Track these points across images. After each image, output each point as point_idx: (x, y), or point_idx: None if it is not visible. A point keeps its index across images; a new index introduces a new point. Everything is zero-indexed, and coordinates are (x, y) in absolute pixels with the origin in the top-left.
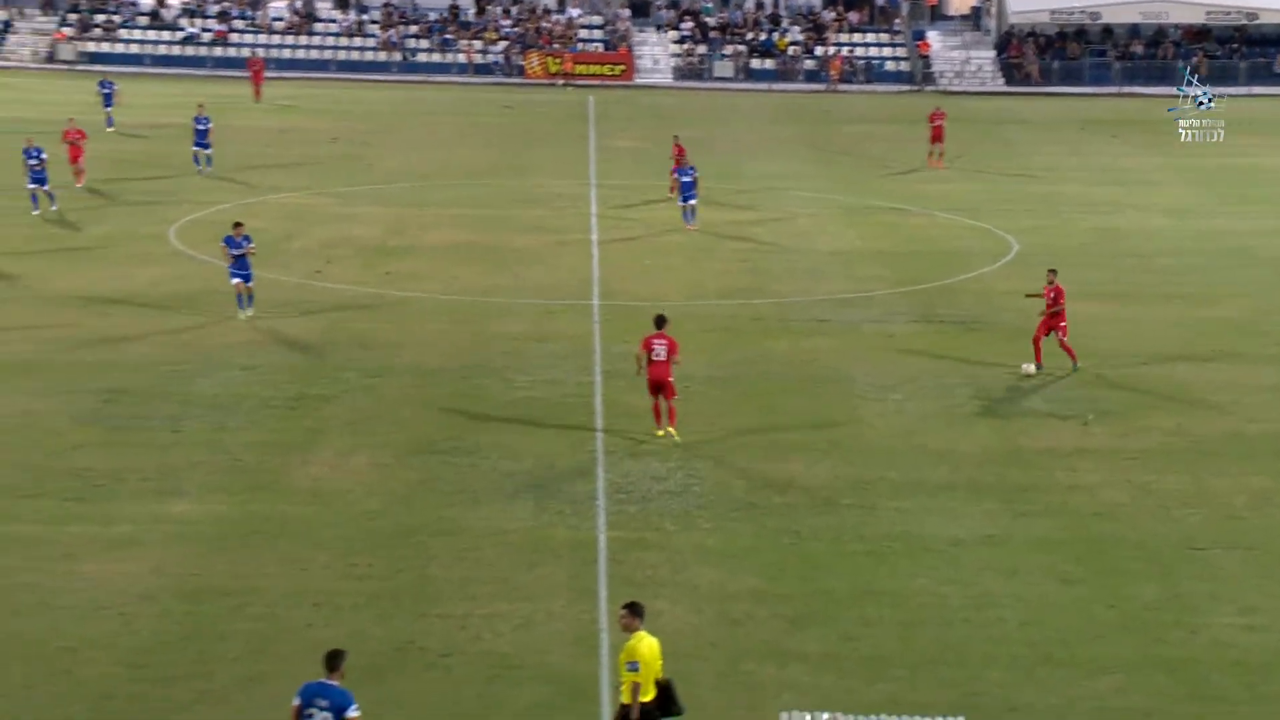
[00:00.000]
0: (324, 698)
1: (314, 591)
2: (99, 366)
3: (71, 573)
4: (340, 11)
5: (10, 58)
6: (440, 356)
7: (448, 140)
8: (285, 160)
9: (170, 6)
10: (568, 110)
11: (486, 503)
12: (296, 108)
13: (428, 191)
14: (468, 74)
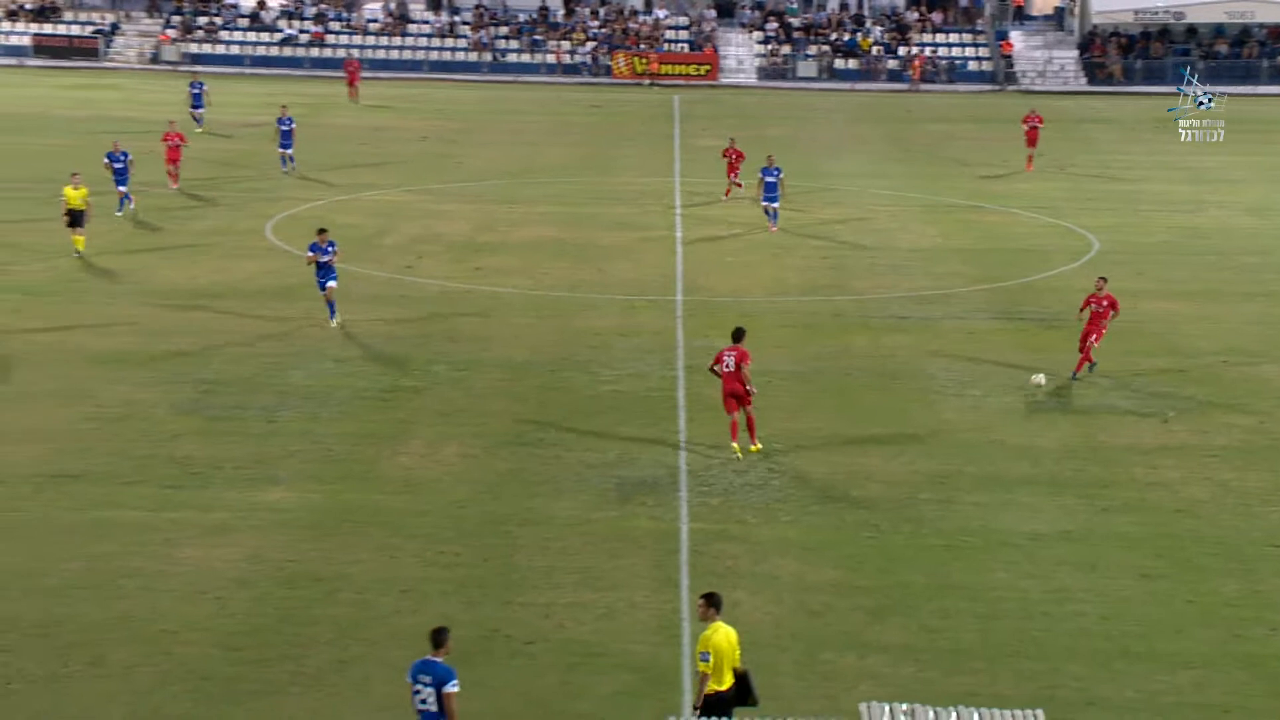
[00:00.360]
0: (427, 674)
1: (403, 578)
2: (198, 358)
3: (171, 558)
4: (433, 13)
5: (117, 59)
6: (527, 350)
7: (536, 139)
8: (378, 158)
9: (269, 9)
10: (653, 109)
11: (571, 494)
12: (389, 108)
13: (516, 189)
14: (556, 74)
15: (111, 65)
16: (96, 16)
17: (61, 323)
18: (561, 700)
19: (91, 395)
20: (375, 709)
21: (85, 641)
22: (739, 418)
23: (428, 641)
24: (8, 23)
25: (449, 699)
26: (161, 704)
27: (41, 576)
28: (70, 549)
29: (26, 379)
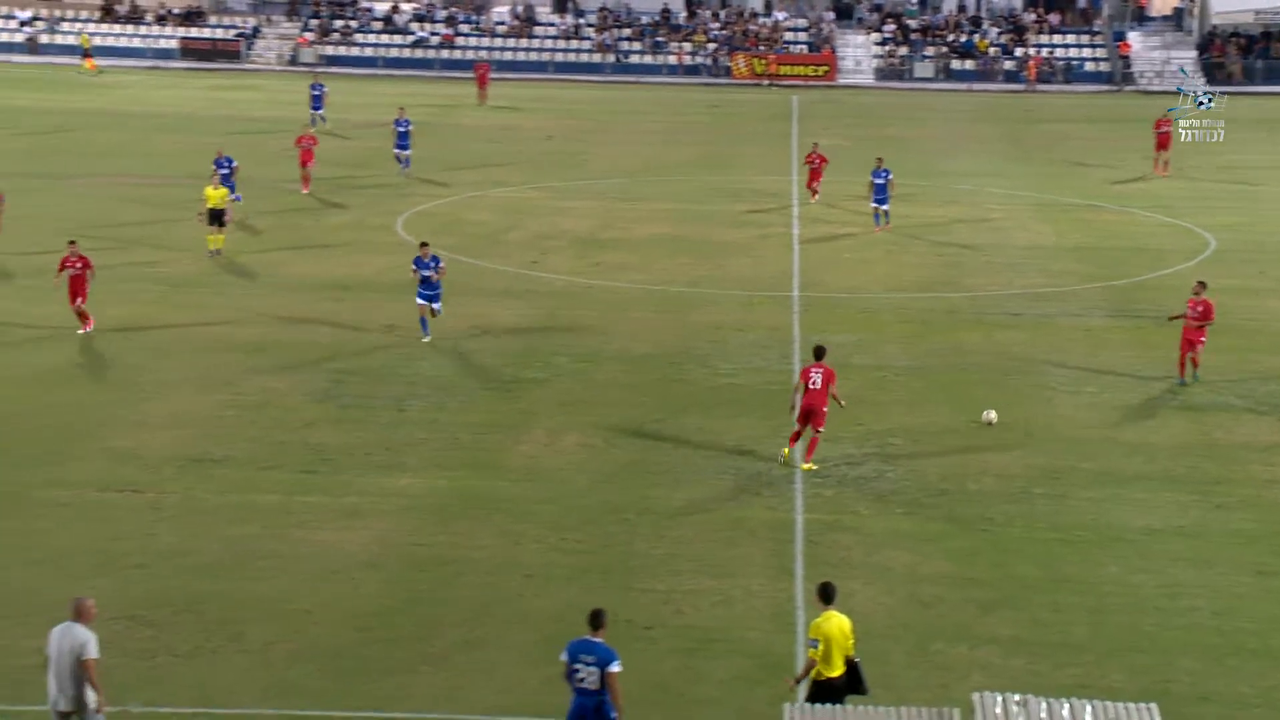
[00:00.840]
0: (590, 654)
1: (526, 563)
2: (331, 349)
3: (306, 540)
4: (559, 15)
5: (257, 60)
6: (647, 343)
7: (657, 138)
8: (506, 157)
9: (402, 12)
10: (772, 109)
11: (689, 484)
12: (516, 109)
13: (637, 186)
14: (677, 75)
15: (252, 67)
16: (239, 20)
17: (203, 314)
18: (681, 684)
19: (231, 384)
20: (500, 690)
21: (226, 619)
22: (805, 430)
23: (586, 624)
24: (156, 27)
25: (613, 678)
26: (297, 680)
27: (186, 556)
28: (212, 530)
29: (171, 368)
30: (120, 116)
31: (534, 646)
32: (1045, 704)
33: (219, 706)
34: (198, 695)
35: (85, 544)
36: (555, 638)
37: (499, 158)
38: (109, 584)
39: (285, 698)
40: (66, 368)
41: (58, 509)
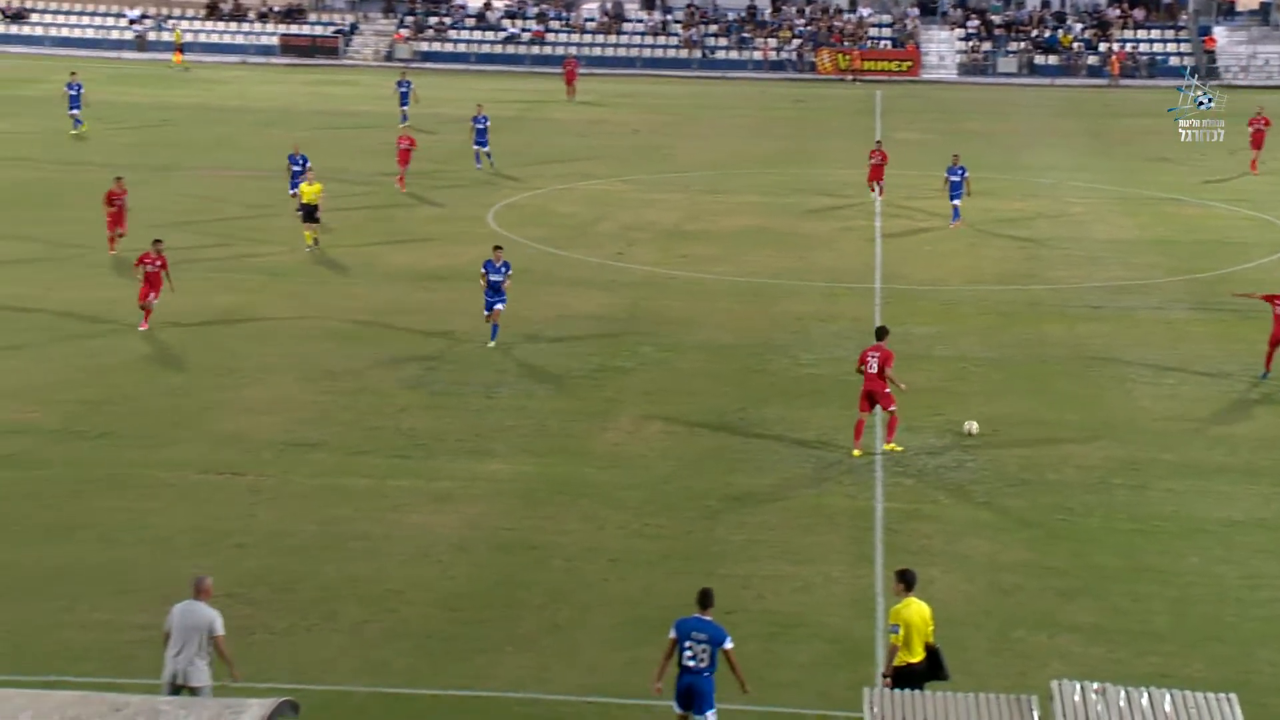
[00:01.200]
0: (701, 631)
1: (610, 548)
2: (424, 336)
3: (398, 522)
4: (646, 12)
5: (355, 56)
6: (730, 334)
7: (741, 132)
8: (594, 150)
9: (495, 9)
10: (855, 104)
11: (770, 471)
12: (604, 103)
13: (722, 180)
14: (762, 70)
15: (349, 63)
16: (338, 17)
17: (303, 304)
18: (761, 668)
19: (328, 371)
20: (584, 671)
21: (321, 598)
22: (868, 419)
23: (695, 603)
24: (259, 24)
25: (731, 654)
26: (388, 659)
27: (283, 537)
28: (308, 512)
29: (271, 355)
30: (222, 111)
31: (617, 629)
32: (1124, 692)
33: (313, 683)
34: (293, 672)
35: (188, 524)
36: (638, 621)
37: (587, 151)
38: (210, 563)
39: (376, 675)
40: (173, 354)
41: (163, 490)
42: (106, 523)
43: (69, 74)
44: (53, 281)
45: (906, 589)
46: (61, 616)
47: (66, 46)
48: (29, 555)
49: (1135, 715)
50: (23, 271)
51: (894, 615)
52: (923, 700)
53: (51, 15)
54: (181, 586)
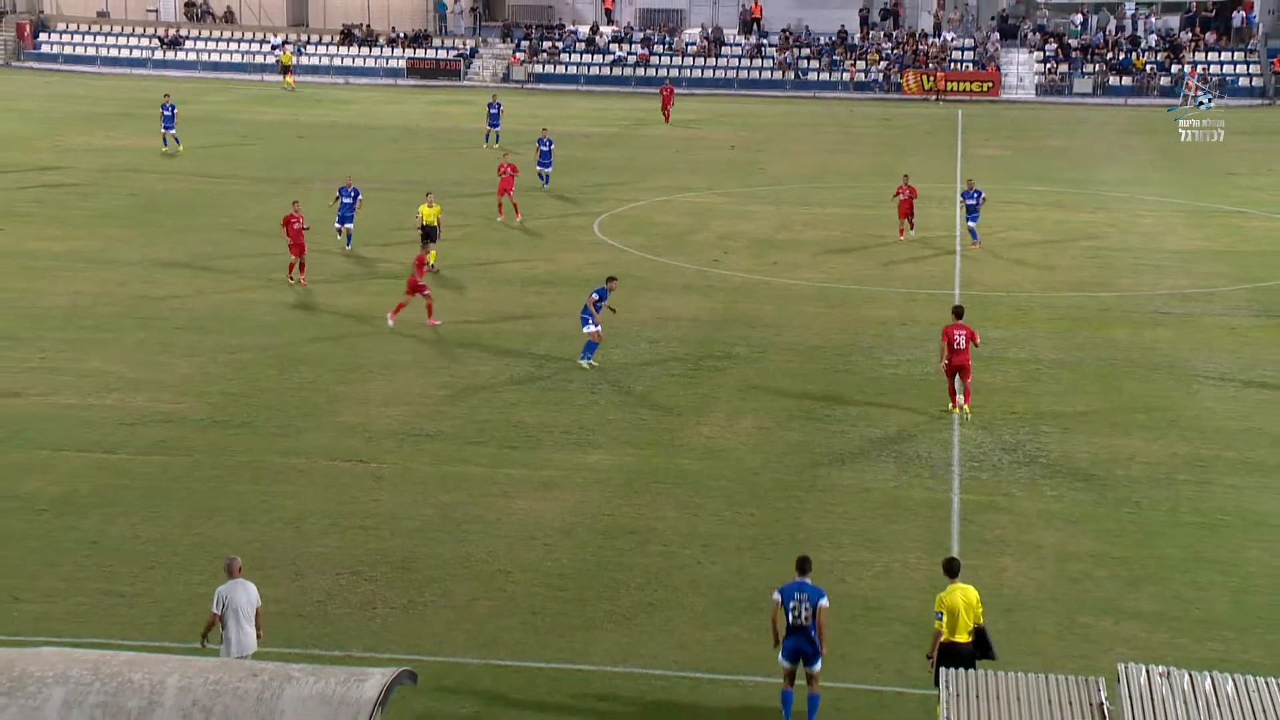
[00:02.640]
0: (802, 591)
1: (703, 534)
2: (534, 336)
3: (507, 508)
4: (744, 36)
5: (474, 78)
6: (817, 336)
7: (830, 148)
8: (691, 165)
9: (603, 34)
10: (938, 123)
11: (853, 464)
12: (702, 121)
13: (811, 192)
14: (850, 90)
15: (469, 84)
16: (459, 42)
17: (423, 305)
18: (844, 647)
19: (446, 367)
20: (677, 647)
21: (437, 577)
22: (957, 385)
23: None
24: (388, 49)
25: (824, 612)
26: (497, 634)
27: (404, 519)
28: (426, 497)
29: (394, 353)
30: (352, 129)
31: (709, 609)
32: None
33: (428, 655)
34: (410, 644)
35: (317, 507)
36: (728, 602)
37: (685, 166)
38: (336, 542)
39: (487, 649)
40: (305, 352)
41: (295, 475)
42: (244, 505)
43: (163, 95)
44: (200, 284)
45: (951, 576)
46: (203, 589)
47: (216, 70)
48: (175, 533)
49: (1198, 698)
50: (172, 274)
51: (938, 603)
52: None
53: (204, 42)
54: (312, 564)
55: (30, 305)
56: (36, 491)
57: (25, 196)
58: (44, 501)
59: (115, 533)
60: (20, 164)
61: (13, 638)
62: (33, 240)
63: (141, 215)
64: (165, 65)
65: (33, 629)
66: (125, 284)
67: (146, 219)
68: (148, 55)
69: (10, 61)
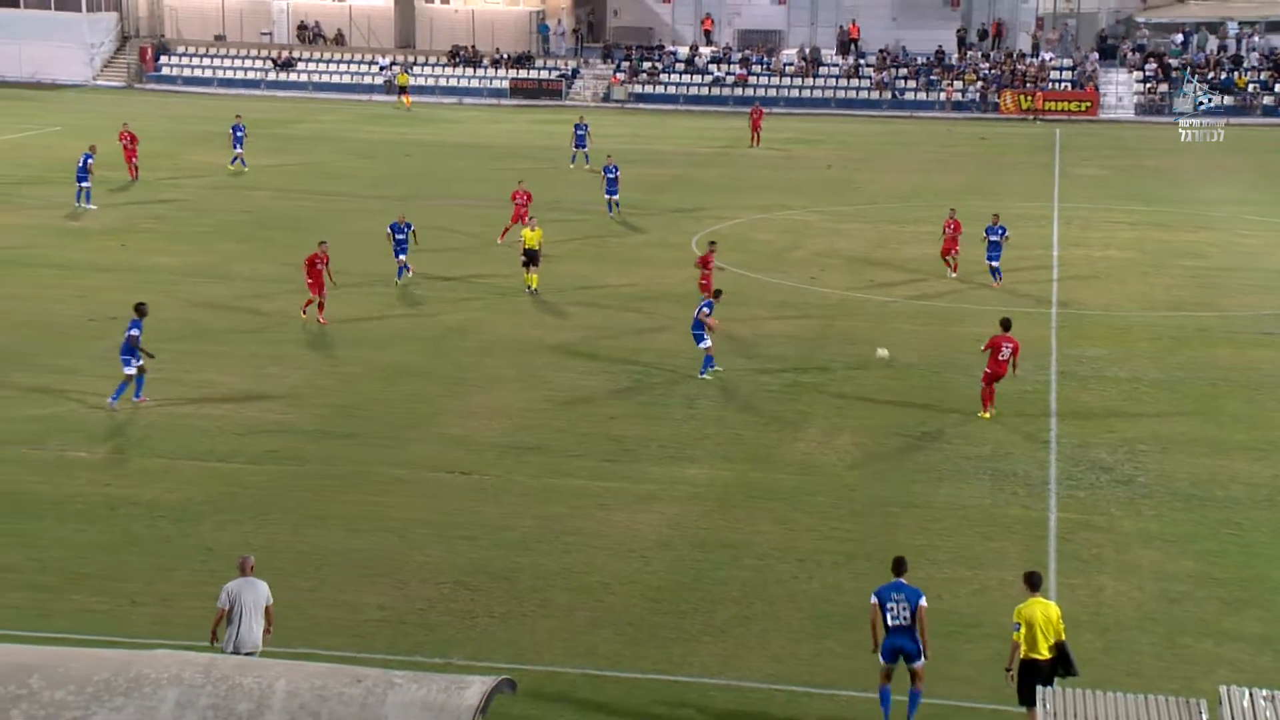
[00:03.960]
0: (899, 592)
1: (799, 549)
2: (635, 351)
3: (606, 520)
4: (841, 57)
5: (576, 98)
6: (913, 353)
7: (926, 167)
8: (789, 183)
9: (701, 55)
10: (1035, 142)
11: (949, 481)
12: (801, 140)
13: (907, 211)
14: (946, 110)
15: (571, 104)
16: (562, 63)
17: (525, 320)
18: (940, 663)
19: (547, 381)
20: (773, 660)
21: (537, 587)
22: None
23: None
24: (492, 70)
25: (923, 611)
26: (595, 644)
27: (505, 530)
28: (526, 508)
29: (495, 366)
30: (457, 147)
31: (804, 623)
32: None
33: (528, 663)
34: (510, 653)
35: (421, 516)
36: (824, 617)
37: (783, 184)
38: (439, 552)
39: (585, 659)
40: (409, 365)
41: (399, 485)
42: (351, 513)
43: (235, 116)
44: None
45: (1031, 589)
46: (311, 595)
47: (326, 91)
48: (285, 539)
49: None
50: (282, 288)
51: (1017, 614)
52: (1093, 699)
53: (315, 64)
54: (415, 572)
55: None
56: (156, 499)
57: (146, 213)
58: (162, 508)
59: (228, 539)
60: (141, 182)
61: (130, 639)
62: (153, 255)
63: (255, 231)
64: (278, 86)
65: (149, 631)
66: (239, 298)
67: (259, 235)
68: (261, 76)
69: (133, 84)
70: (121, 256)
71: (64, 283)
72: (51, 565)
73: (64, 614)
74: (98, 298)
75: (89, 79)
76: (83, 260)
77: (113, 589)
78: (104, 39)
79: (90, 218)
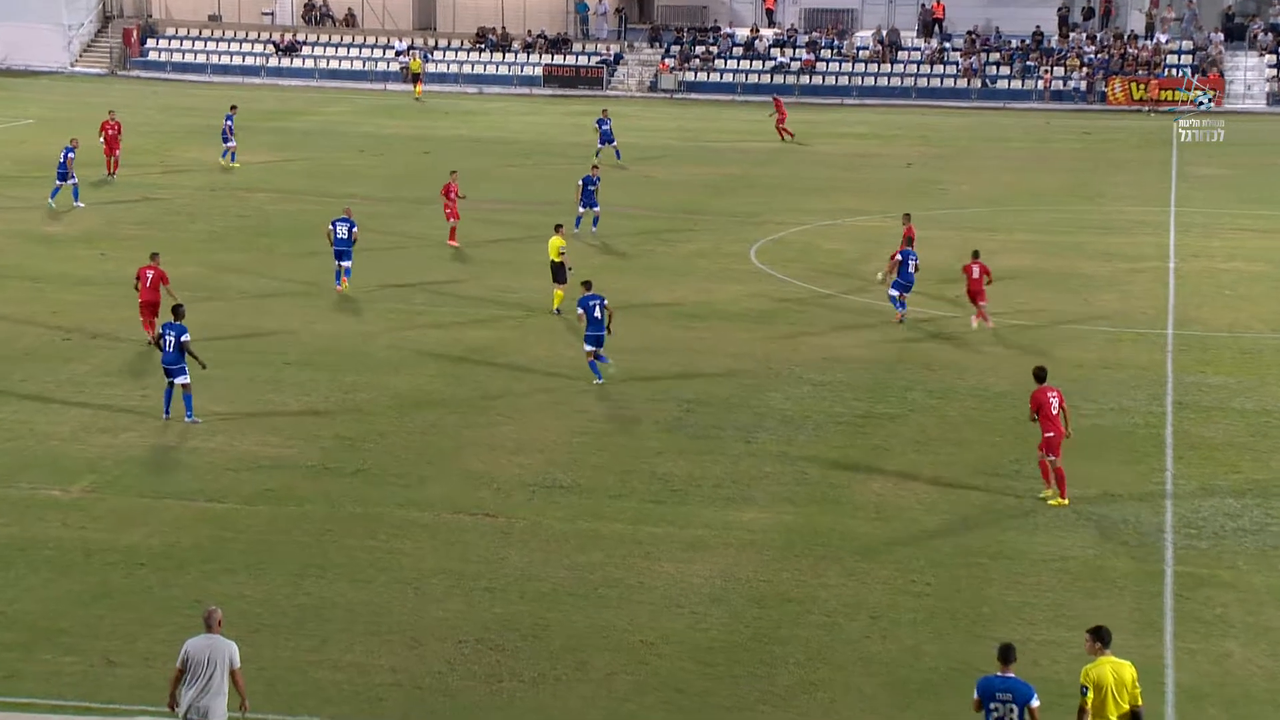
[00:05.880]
0: (1006, 690)
1: (872, 604)
2: (682, 377)
3: (650, 570)
4: (924, 39)
5: (619, 87)
6: (1005, 380)
7: (1021, 166)
8: (861, 184)
9: (763, 38)
10: (1149, 136)
11: (1047, 529)
12: (875, 135)
13: (998, 216)
14: (1044, 100)
15: (613, 94)
16: (602, 47)
17: (558, 341)
18: None
19: (583, 410)
20: None
21: (571, 647)
22: (1049, 463)
23: (996, 659)
24: (523, 55)
25: (1034, 713)
26: (637, 712)
27: (533, 581)
28: (559, 557)
29: (524, 392)
30: (482, 143)
31: (879, 691)
32: None
33: None
34: None
35: (439, 565)
36: (900, 684)
37: (855, 185)
38: (459, 605)
39: None
40: (427, 391)
41: (414, 529)
42: (358, 561)
43: (229, 106)
44: (314, 315)
45: (1101, 646)
46: (313, 656)
47: (335, 78)
48: (282, 592)
49: None
50: (283, 304)
51: (1084, 676)
52: None
53: (322, 47)
54: (432, 630)
55: (131, 337)
56: (135, 543)
57: (130, 217)
58: (142, 554)
59: (218, 590)
60: (124, 181)
61: (107, 705)
62: (136, 266)
63: (252, 239)
64: (280, 73)
65: (128, 696)
66: (233, 315)
67: (257, 243)
68: (261, 63)
69: (116, 70)
70: (101, 267)
71: (37, 297)
72: (18, 619)
73: (32, 675)
74: (74, 314)
75: (66, 65)
76: (57, 271)
77: (88, 647)
78: (83, 19)
79: (67, 222)
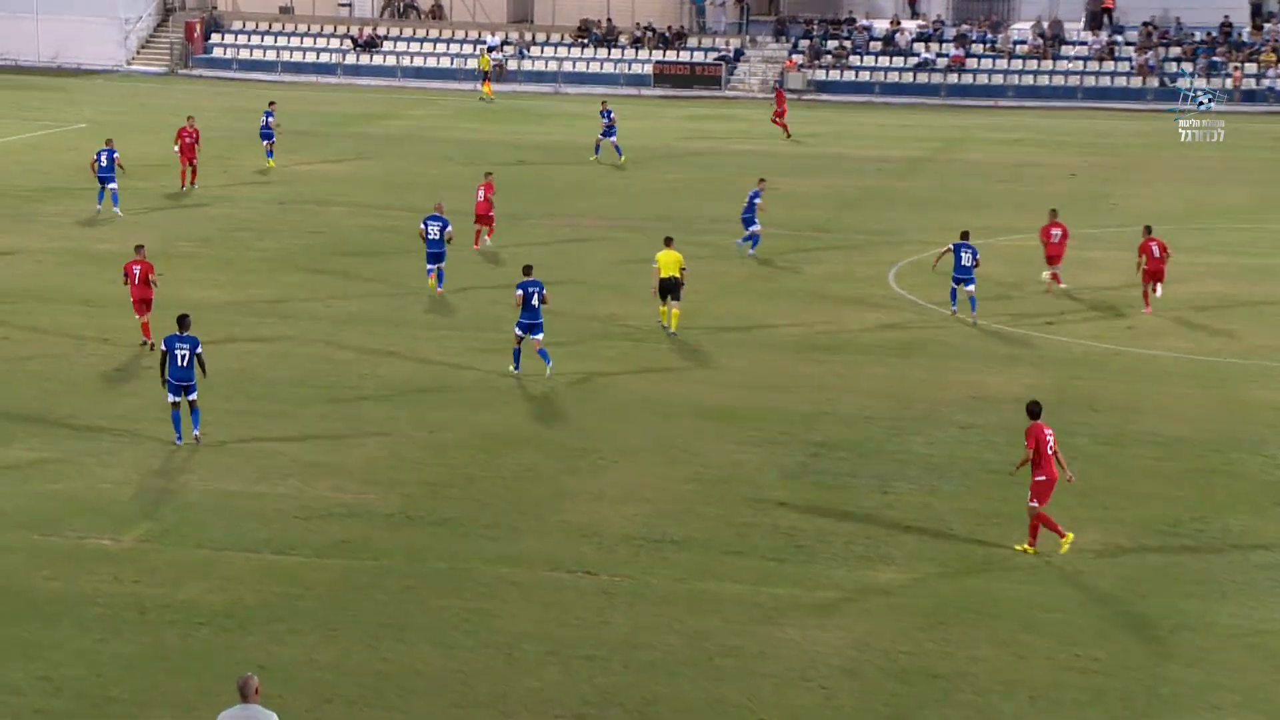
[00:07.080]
0: None
1: (1031, 682)
2: (810, 417)
3: (772, 638)
4: (1091, 32)
5: (739, 87)
6: (1185, 424)
7: (1204, 178)
8: (1018, 198)
9: (905, 31)
10: None
11: (1238, 597)
12: (1035, 141)
13: (1178, 235)
14: (1234, 101)
15: (732, 94)
16: (721, 42)
17: (668, 375)
18: None
19: (696, 454)
20: None
21: None
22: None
23: None
24: (630, 50)
25: None
26: None
27: (639, 649)
28: (668, 621)
29: (631, 433)
30: (582, 150)
31: None
32: None
33: None
34: None
35: (533, 629)
36: None
37: (1010, 199)
38: (555, 676)
39: None
40: (520, 432)
41: (505, 588)
42: (442, 624)
43: (268, 103)
44: (395, 345)
45: None
46: None
47: (420, 77)
48: (358, 658)
49: None
50: (360, 332)
51: None
52: None
53: (405, 43)
54: (524, 701)
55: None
56: (194, 600)
57: (190, 234)
58: (202, 613)
59: (286, 655)
60: (189, 194)
61: None
62: (196, 288)
63: (325, 259)
64: (358, 71)
65: None
66: (305, 344)
67: (331, 263)
68: (338, 60)
69: (176, 69)
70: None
71: (87, 323)
72: (65, 686)
73: None
74: (127, 340)
75: (122, 63)
76: (110, 294)
77: (143, 717)
78: (141, 13)
79: (119, 238)
